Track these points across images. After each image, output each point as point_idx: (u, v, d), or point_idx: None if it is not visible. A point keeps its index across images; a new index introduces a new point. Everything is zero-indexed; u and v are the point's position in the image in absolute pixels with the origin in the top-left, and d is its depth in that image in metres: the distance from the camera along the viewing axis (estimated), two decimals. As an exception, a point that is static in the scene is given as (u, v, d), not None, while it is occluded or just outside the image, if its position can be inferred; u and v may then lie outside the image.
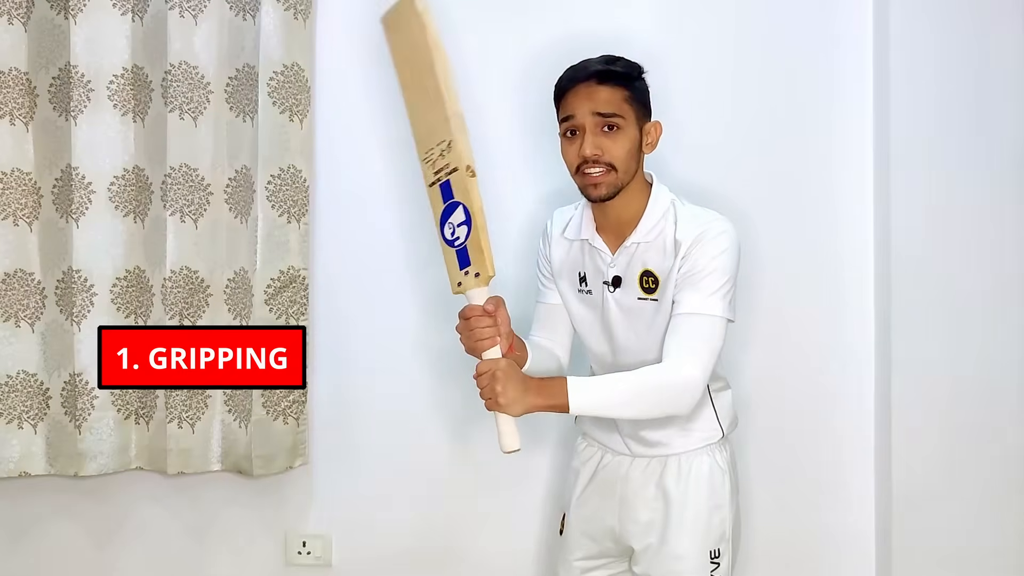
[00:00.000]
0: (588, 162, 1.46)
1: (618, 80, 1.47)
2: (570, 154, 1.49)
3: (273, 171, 1.98)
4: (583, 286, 1.59)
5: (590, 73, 1.47)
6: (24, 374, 2.02)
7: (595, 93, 1.46)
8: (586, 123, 1.46)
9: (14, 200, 2.01)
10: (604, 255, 1.55)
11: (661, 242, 1.51)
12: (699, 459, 1.58)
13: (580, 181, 1.49)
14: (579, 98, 1.47)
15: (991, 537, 1.91)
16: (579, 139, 1.47)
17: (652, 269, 1.51)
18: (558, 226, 1.64)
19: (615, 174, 1.47)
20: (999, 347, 1.91)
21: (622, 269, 1.53)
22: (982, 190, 1.90)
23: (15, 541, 2.15)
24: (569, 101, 1.48)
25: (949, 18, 1.90)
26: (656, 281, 1.51)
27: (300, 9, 1.99)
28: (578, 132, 1.47)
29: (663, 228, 1.51)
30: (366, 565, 2.09)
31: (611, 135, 1.46)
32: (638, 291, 1.52)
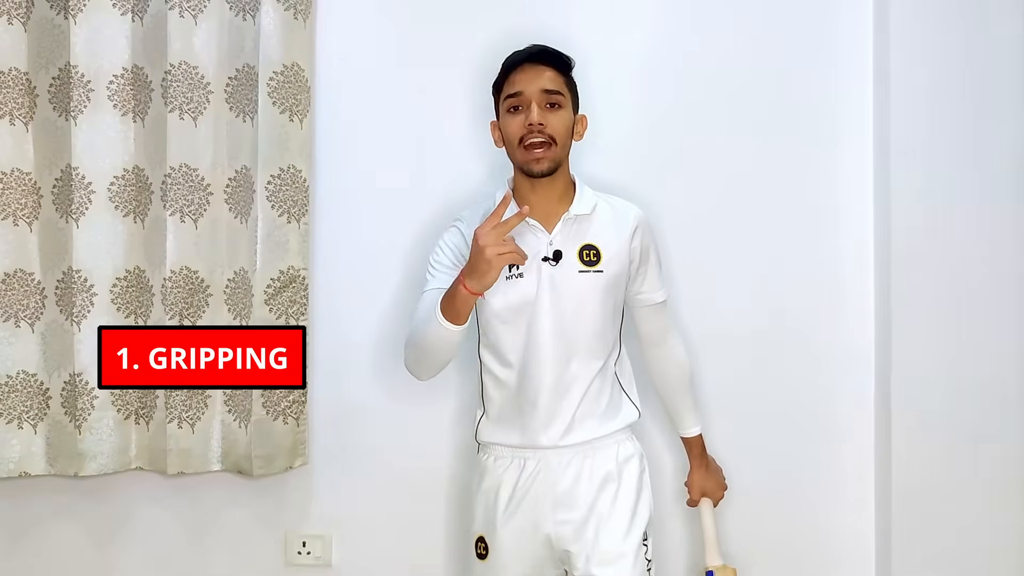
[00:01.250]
0: (533, 132, 1.55)
1: (560, 65, 1.60)
2: (514, 126, 1.57)
3: (273, 171, 1.98)
4: (513, 270, 1.58)
5: (536, 53, 1.60)
6: (24, 374, 2.02)
7: (541, 71, 1.58)
8: (532, 97, 1.57)
9: (14, 200, 2.01)
10: (540, 232, 1.60)
11: (603, 216, 1.63)
12: (623, 443, 1.66)
13: (522, 155, 1.58)
14: (526, 75, 1.58)
15: (991, 537, 1.91)
16: (524, 112, 1.57)
17: (592, 242, 1.61)
18: (473, 218, 1.66)
19: (555, 148, 1.57)
20: (999, 347, 1.91)
21: (562, 243, 1.60)
22: (982, 190, 1.91)
23: (15, 541, 2.15)
24: (516, 78, 1.58)
25: (949, 18, 1.90)
26: (598, 254, 1.60)
27: (300, 9, 1.99)
28: (522, 107, 1.57)
29: (596, 203, 1.64)
30: (366, 565, 2.09)
31: (553, 111, 1.58)
32: (578, 264, 1.59)
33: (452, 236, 1.67)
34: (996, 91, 1.90)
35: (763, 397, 2.01)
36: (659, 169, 2.02)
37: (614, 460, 1.63)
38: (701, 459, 1.82)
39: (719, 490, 1.84)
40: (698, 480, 1.81)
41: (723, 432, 1.95)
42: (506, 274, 1.58)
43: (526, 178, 1.61)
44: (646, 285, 1.69)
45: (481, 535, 1.64)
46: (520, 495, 1.61)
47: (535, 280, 1.58)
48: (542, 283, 1.58)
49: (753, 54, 2.01)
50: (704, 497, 1.81)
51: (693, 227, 2.01)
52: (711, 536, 1.80)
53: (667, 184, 2.00)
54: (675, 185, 2.01)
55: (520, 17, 2.02)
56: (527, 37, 1.99)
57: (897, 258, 1.92)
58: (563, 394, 1.59)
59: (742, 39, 2.01)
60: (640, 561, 1.59)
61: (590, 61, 1.73)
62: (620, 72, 2.01)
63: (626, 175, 1.97)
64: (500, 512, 1.61)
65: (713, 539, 1.79)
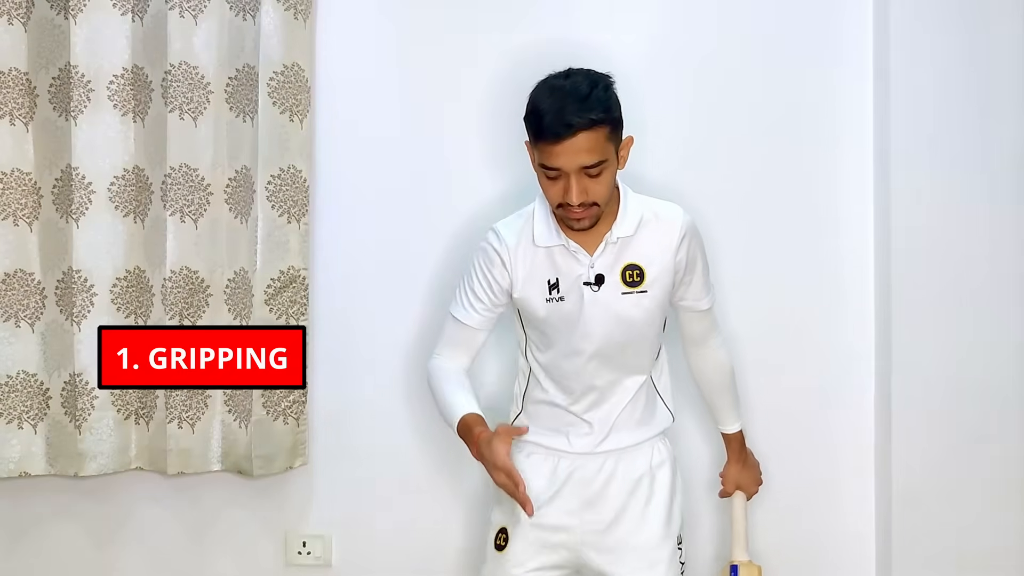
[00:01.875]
0: (572, 207, 1.46)
1: (599, 124, 1.44)
2: (553, 193, 1.48)
3: (273, 171, 1.97)
4: (554, 293, 1.56)
5: (574, 128, 1.41)
6: (24, 374, 2.02)
7: (579, 146, 1.42)
8: (571, 174, 1.44)
9: (14, 200, 2.01)
10: (581, 256, 1.54)
11: (647, 232, 1.55)
12: (657, 447, 1.66)
13: (562, 214, 1.51)
14: (564, 153, 1.42)
15: (991, 537, 1.91)
16: (562, 182, 1.45)
17: (636, 262, 1.55)
18: (512, 237, 1.58)
19: (597, 208, 1.49)
20: (999, 347, 1.91)
21: (605, 266, 1.54)
22: (982, 190, 1.91)
23: (15, 541, 2.15)
24: (552, 154, 1.43)
25: (949, 18, 1.90)
26: (641, 273, 1.55)
27: (300, 9, 1.99)
28: (559, 177, 1.46)
29: (640, 219, 1.55)
30: (366, 565, 2.09)
31: (595, 178, 1.46)
32: (621, 286, 1.54)
33: (486, 259, 1.59)
34: (996, 91, 1.90)
35: (763, 397, 2.00)
36: (658, 169, 2.01)
37: (647, 464, 1.63)
38: (739, 454, 1.80)
39: (754, 485, 1.82)
40: (733, 474, 1.80)
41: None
42: (547, 296, 1.56)
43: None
44: (691, 292, 1.63)
45: (504, 526, 1.62)
46: (551, 493, 1.60)
47: (577, 303, 1.54)
48: (584, 307, 1.54)
49: (753, 54, 2.01)
50: (738, 491, 1.81)
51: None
52: (740, 530, 1.78)
53: (667, 184, 2.00)
54: (675, 185, 2.00)
55: (521, 17, 2.02)
56: (528, 37, 2.00)
57: (897, 258, 1.92)
58: (604, 406, 1.60)
59: (742, 39, 2.01)
60: (675, 565, 1.60)
61: (589, 62, 1.72)
62: (619, 73, 1.98)
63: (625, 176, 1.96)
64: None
65: (742, 534, 1.78)
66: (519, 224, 1.61)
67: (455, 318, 1.63)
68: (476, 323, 1.61)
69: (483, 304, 1.60)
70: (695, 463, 1.96)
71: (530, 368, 1.66)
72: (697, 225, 1.63)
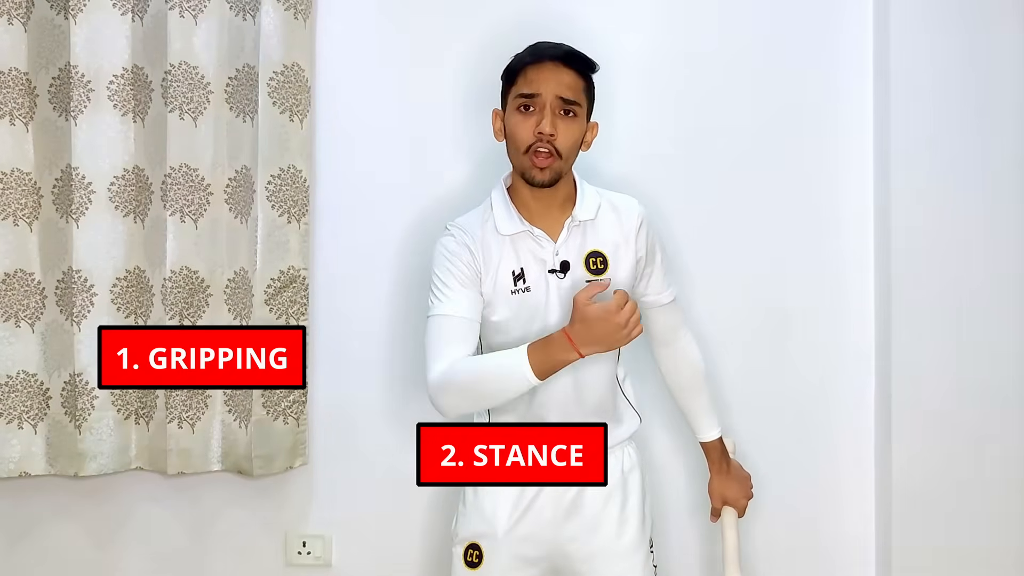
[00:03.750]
0: (541, 141, 1.45)
1: (583, 68, 1.49)
2: (524, 130, 1.46)
3: (273, 171, 1.98)
4: (519, 284, 1.51)
5: (559, 53, 1.47)
6: (24, 374, 2.02)
7: (562, 75, 1.46)
8: (548, 102, 1.45)
9: (14, 200, 2.01)
10: (544, 240, 1.52)
11: (606, 217, 1.55)
12: (627, 450, 1.64)
13: (526, 162, 1.48)
14: (545, 75, 1.45)
15: (991, 537, 1.91)
16: (536, 115, 1.46)
17: (599, 248, 1.53)
18: (474, 228, 1.54)
19: (559, 161, 1.48)
20: (999, 347, 1.91)
21: (570, 253, 1.52)
22: (982, 190, 1.91)
23: (15, 541, 2.15)
24: (533, 77, 1.46)
25: (949, 18, 1.90)
26: (604, 261, 1.53)
27: (300, 9, 1.99)
28: (534, 108, 1.46)
29: (599, 204, 1.55)
30: (366, 565, 2.09)
31: (567, 120, 1.47)
32: (585, 274, 1.52)
33: (454, 245, 1.52)
34: (996, 91, 1.91)
35: (763, 397, 2.01)
36: (659, 169, 2.02)
37: (620, 470, 1.60)
38: (720, 464, 1.73)
39: (743, 498, 1.73)
40: (717, 486, 1.74)
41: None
42: (511, 287, 1.51)
43: (525, 183, 1.52)
44: (652, 286, 1.62)
45: (474, 542, 1.58)
46: (525, 503, 1.57)
47: (543, 293, 1.51)
48: (550, 296, 1.51)
49: (753, 54, 2.01)
50: (727, 506, 1.73)
51: (693, 226, 2.01)
52: (731, 549, 1.70)
53: (667, 184, 2.00)
54: (675, 185, 2.01)
55: (521, 17, 2.02)
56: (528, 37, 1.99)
57: (897, 258, 1.92)
58: (572, 405, 1.56)
59: (742, 39, 2.01)
60: (648, 568, 1.60)
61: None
62: (621, 72, 2.01)
63: (627, 174, 1.97)
64: (503, 520, 1.57)
65: (733, 553, 1.69)
66: (478, 216, 1.57)
67: (440, 315, 1.49)
68: (465, 310, 1.49)
69: (464, 288, 1.50)
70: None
71: None
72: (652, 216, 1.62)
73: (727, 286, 2.01)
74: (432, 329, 1.50)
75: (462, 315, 1.49)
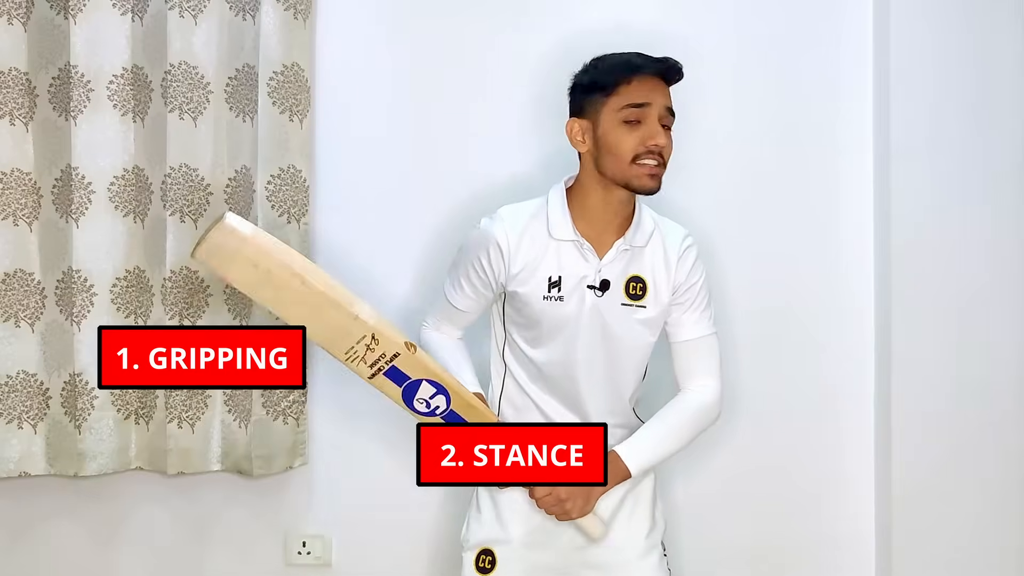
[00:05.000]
0: (652, 153, 1.44)
1: (675, 83, 1.51)
2: (631, 141, 1.44)
3: (273, 171, 1.97)
4: (553, 292, 1.50)
5: (665, 67, 1.47)
6: (24, 374, 2.01)
7: (665, 87, 1.48)
8: (657, 113, 1.45)
9: (14, 200, 2.00)
10: (591, 255, 1.49)
11: (654, 248, 1.53)
12: None
13: (633, 171, 1.44)
14: (654, 88, 1.46)
15: (991, 537, 1.91)
16: (643, 127, 1.44)
17: (640, 275, 1.52)
18: (517, 225, 1.51)
19: (663, 170, 1.48)
20: (999, 347, 1.91)
21: (613, 273, 1.50)
22: (982, 190, 1.91)
23: (15, 541, 2.15)
24: (641, 87, 1.45)
25: (949, 18, 1.91)
26: (644, 288, 1.51)
27: (300, 9, 1.99)
28: (643, 122, 1.44)
29: (652, 231, 1.54)
30: (366, 565, 2.09)
31: (667, 133, 1.48)
32: (623, 297, 1.51)
33: (488, 247, 1.50)
34: (996, 91, 1.91)
35: (763, 397, 2.01)
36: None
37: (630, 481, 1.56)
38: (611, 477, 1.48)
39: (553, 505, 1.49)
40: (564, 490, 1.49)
41: (723, 431, 1.95)
42: (544, 292, 1.49)
43: (603, 190, 1.48)
44: (681, 319, 1.55)
45: (488, 548, 1.56)
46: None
47: (577, 306, 1.49)
48: (583, 311, 1.49)
49: (753, 54, 2.01)
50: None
51: (693, 226, 1.99)
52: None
53: (667, 184, 2.00)
54: (675, 185, 2.00)
55: (521, 17, 2.02)
56: (528, 37, 2.00)
57: (897, 258, 1.92)
58: (587, 417, 1.55)
59: (742, 40, 2.01)
60: (663, 571, 1.58)
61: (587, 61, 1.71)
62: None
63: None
64: (519, 526, 1.56)
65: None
66: (528, 212, 1.53)
67: (451, 305, 1.62)
68: (465, 307, 1.60)
69: (474, 291, 1.56)
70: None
71: (506, 369, 1.59)
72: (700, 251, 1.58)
73: (726, 286, 2.01)
74: (440, 300, 1.65)
75: (462, 308, 1.60)
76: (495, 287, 1.55)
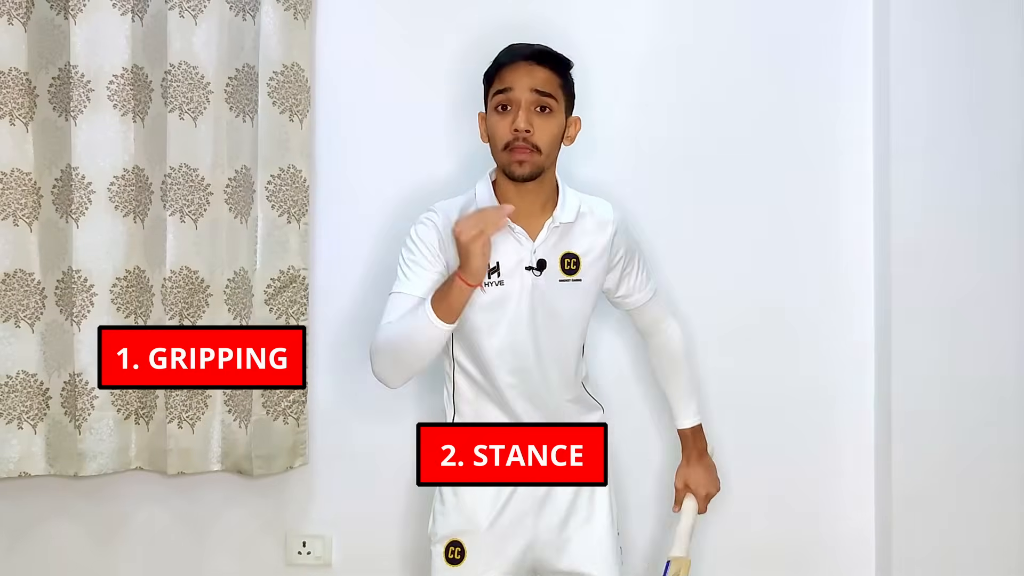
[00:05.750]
0: (518, 139, 1.49)
1: (555, 65, 1.53)
2: (502, 128, 1.51)
3: (273, 171, 1.98)
4: (492, 277, 1.54)
5: (531, 52, 1.52)
6: (24, 374, 2.01)
7: (534, 71, 1.51)
8: (523, 98, 1.50)
9: (14, 200, 2.00)
10: (524, 239, 1.55)
11: (584, 221, 1.59)
12: None
13: (506, 158, 1.51)
14: (518, 73, 1.51)
15: (991, 537, 1.91)
16: (512, 114, 1.50)
17: (573, 250, 1.58)
18: (453, 215, 1.56)
19: (539, 156, 1.51)
20: (999, 347, 1.91)
21: (547, 252, 1.56)
22: (981, 190, 1.91)
23: (15, 541, 2.15)
24: (507, 75, 1.51)
25: (949, 18, 1.91)
26: (577, 262, 1.58)
27: (300, 9, 1.99)
28: (511, 107, 1.51)
29: (579, 208, 1.59)
30: (366, 565, 2.09)
31: (543, 116, 1.51)
32: (559, 273, 1.57)
33: (424, 232, 1.57)
34: (996, 91, 1.91)
35: (763, 397, 2.01)
36: (659, 168, 2.02)
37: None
38: (691, 453, 1.76)
39: (702, 487, 1.74)
40: (683, 471, 1.77)
41: (723, 431, 1.96)
42: (485, 280, 1.53)
43: (507, 179, 1.55)
44: (634, 286, 1.69)
45: (456, 539, 1.60)
46: (505, 497, 1.60)
47: (518, 288, 1.55)
48: (523, 291, 1.55)
49: (753, 54, 2.01)
50: (689, 493, 1.75)
51: (693, 226, 2.01)
52: (683, 531, 1.72)
53: (667, 183, 2.00)
54: (675, 185, 2.01)
55: (521, 17, 2.02)
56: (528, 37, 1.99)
57: (897, 258, 1.92)
58: (541, 397, 1.60)
59: (742, 38, 2.01)
60: (616, 551, 1.65)
61: (589, 60, 1.72)
62: (620, 71, 2.01)
63: (625, 175, 1.97)
64: (484, 515, 1.60)
65: (683, 534, 1.72)
66: (460, 203, 1.61)
67: (402, 293, 1.53)
68: (420, 290, 1.52)
69: (419, 266, 1.55)
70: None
71: (455, 366, 1.63)
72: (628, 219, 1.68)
73: (727, 286, 2.01)
74: (387, 306, 1.55)
75: (417, 294, 1.52)
76: (444, 267, 1.55)
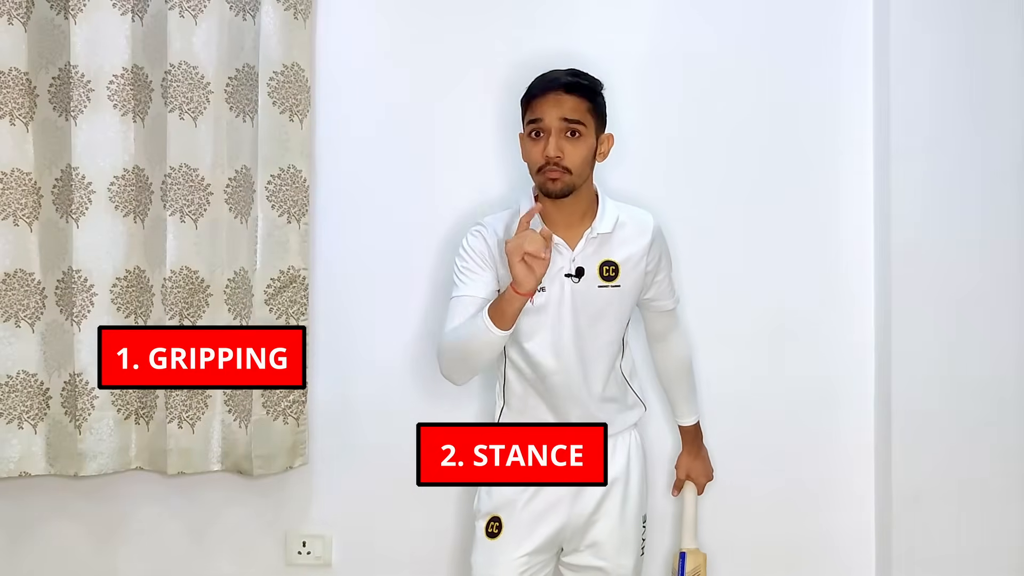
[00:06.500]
0: (550, 163, 1.59)
1: (583, 92, 1.62)
2: (534, 153, 1.62)
3: (273, 171, 1.98)
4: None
5: (560, 83, 1.61)
6: (24, 374, 2.02)
7: (563, 101, 1.60)
8: (552, 127, 1.59)
9: (14, 200, 2.00)
10: (563, 248, 1.65)
11: (622, 232, 1.68)
12: (634, 435, 1.80)
13: (540, 179, 1.62)
14: (548, 104, 1.60)
15: (991, 537, 1.91)
16: (544, 140, 1.60)
17: (612, 258, 1.68)
18: (499, 228, 1.70)
19: (570, 175, 1.60)
20: (999, 346, 1.91)
21: (585, 260, 1.66)
22: (982, 189, 1.91)
23: (15, 541, 2.15)
24: (538, 106, 1.61)
25: (949, 18, 1.90)
26: (616, 269, 1.67)
27: (300, 9, 1.99)
28: (543, 134, 1.61)
29: (617, 218, 1.69)
30: (366, 565, 2.09)
31: (573, 140, 1.60)
32: (598, 280, 1.67)
33: (475, 242, 1.70)
34: (996, 90, 1.91)
35: (763, 397, 2.01)
36: (660, 169, 2.02)
37: (625, 457, 1.75)
38: (691, 446, 1.93)
39: (703, 476, 1.93)
40: (685, 462, 1.92)
41: (723, 431, 1.96)
42: None
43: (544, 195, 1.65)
44: (660, 292, 1.78)
45: (496, 515, 1.71)
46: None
47: (557, 294, 1.65)
48: (564, 297, 1.65)
49: (753, 55, 2.01)
50: (689, 481, 1.92)
51: (694, 226, 2.01)
52: (689, 520, 1.91)
53: (667, 184, 2.00)
54: (676, 185, 2.01)
55: (521, 17, 2.02)
56: (528, 37, 2.00)
57: (897, 257, 1.92)
58: (583, 393, 1.70)
59: (742, 40, 2.01)
60: (639, 542, 1.76)
61: (591, 63, 1.72)
62: (622, 74, 2.00)
63: (628, 176, 1.97)
64: (521, 493, 1.70)
65: (691, 523, 1.91)
66: (505, 218, 1.73)
67: (461, 296, 1.66)
68: (479, 290, 1.65)
69: (473, 272, 1.67)
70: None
71: (507, 363, 1.74)
72: (663, 230, 1.75)
73: (727, 286, 2.01)
74: (449, 310, 1.67)
75: (475, 295, 1.65)
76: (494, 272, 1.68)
